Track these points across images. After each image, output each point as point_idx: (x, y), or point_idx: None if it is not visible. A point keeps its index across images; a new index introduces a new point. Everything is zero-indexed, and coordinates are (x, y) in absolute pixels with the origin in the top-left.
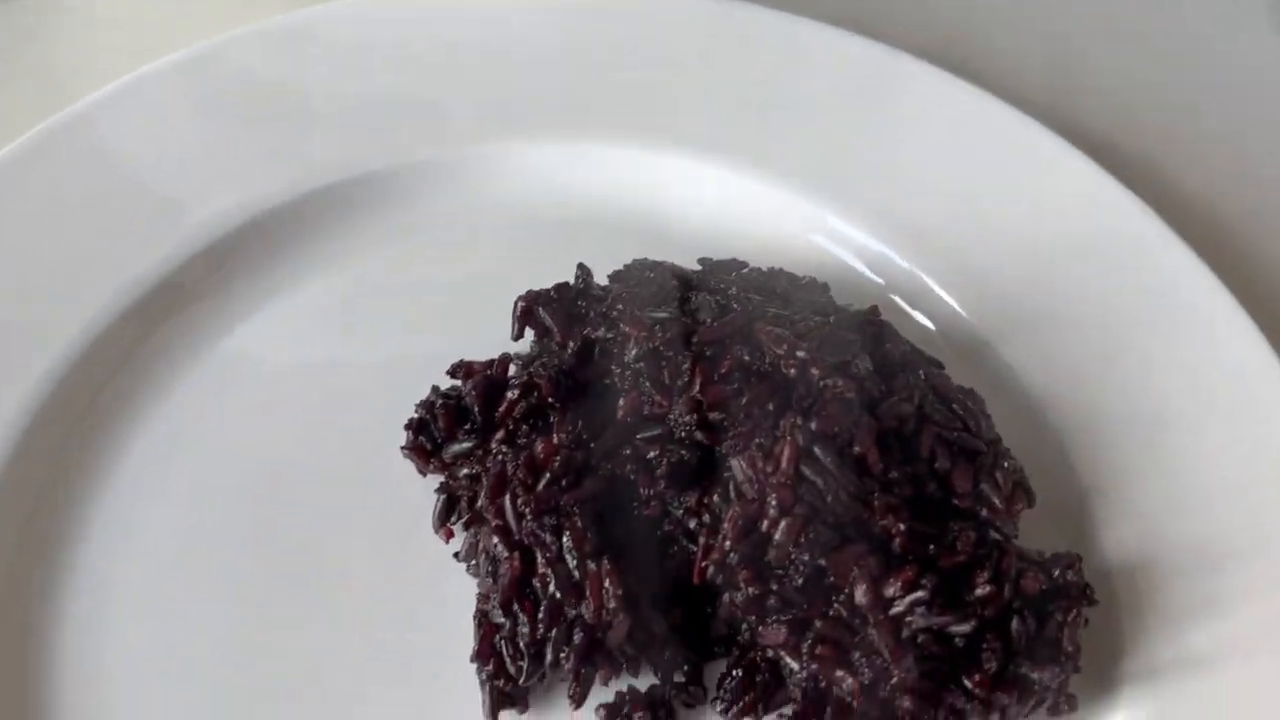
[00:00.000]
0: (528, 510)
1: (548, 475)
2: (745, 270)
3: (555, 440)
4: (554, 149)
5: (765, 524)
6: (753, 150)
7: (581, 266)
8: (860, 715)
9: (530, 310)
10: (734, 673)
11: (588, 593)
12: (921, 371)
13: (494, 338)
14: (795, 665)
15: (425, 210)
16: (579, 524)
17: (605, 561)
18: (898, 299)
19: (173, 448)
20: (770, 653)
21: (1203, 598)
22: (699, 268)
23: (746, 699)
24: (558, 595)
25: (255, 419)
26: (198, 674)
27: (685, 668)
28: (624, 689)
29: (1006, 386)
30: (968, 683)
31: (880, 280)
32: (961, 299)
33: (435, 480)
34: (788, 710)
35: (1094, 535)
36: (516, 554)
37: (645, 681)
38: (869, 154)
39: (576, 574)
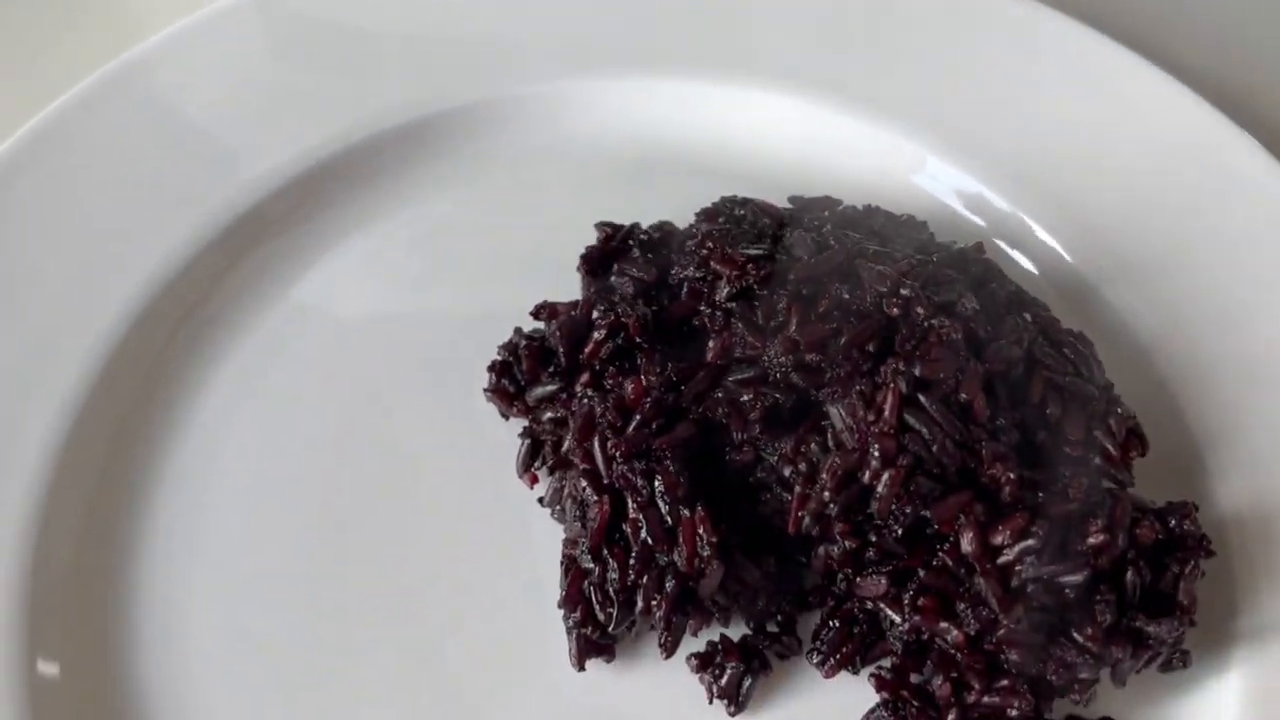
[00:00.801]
0: (618, 453)
1: (638, 418)
2: (840, 208)
3: (645, 382)
4: (630, 85)
5: (867, 475)
6: (847, 86)
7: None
8: (964, 668)
9: (610, 250)
10: (831, 624)
11: (681, 539)
12: (1028, 313)
13: (570, 279)
14: (896, 617)
15: (497, 151)
16: (671, 469)
17: (699, 508)
18: (999, 241)
19: (253, 389)
20: (869, 604)
21: None
22: (789, 206)
23: (844, 651)
24: (649, 541)
25: (331, 362)
26: (281, 618)
27: (778, 618)
28: (715, 638)
29: (1113, 331)
30: (1078, 636)
31: (980, 221)
32: (1065, 241)
33: (517, 424)
34: (886, 662)
35: (1206, 487)
36: (606, 498)
37: (735, 632)
38: (968, 91)
39: (669, 520)
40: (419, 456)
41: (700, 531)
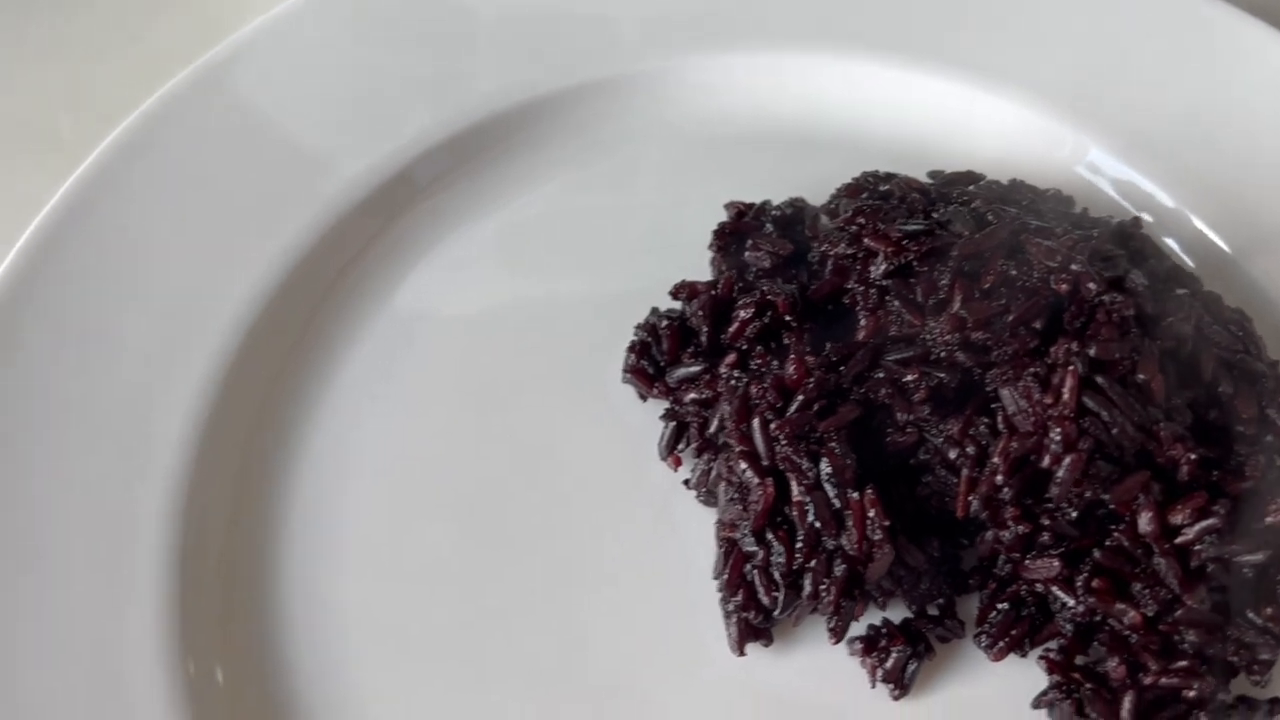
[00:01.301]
0: (781, 435)
1: (800, 398)
2: (983, 183)
3: (804, 361)
4: (744, 60)
5: (1047, 459)
6: (965, 58)
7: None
8: (1139, 650)
9: (742, 226)
10: (998, 606)
11: (850, 523)
12: (1189, 290)
13: (693, 259)
14: (1069, 600)
15: (613, 131)
16: (837, 450)
17: (870, 490)
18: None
19: (384, 382)
20: (1037, 586)
21: None
22: (929, 181)
23: (1013, 633)
24: (817, 525)
25: (459, 351)
26: (430, 608)
27: (938, 601)
28: (874, 622)
29: (1260, 308)
30: (1256, 616)
31: (1115, 195)
32: (1208, 216)
33: (654, 406)
34: (1053, 645)
35: None
36: (770, 480)
37: (894, 615)
38: (1103, 61)
39: (837, 503)
40: (557, 442)
41: (871, 514)
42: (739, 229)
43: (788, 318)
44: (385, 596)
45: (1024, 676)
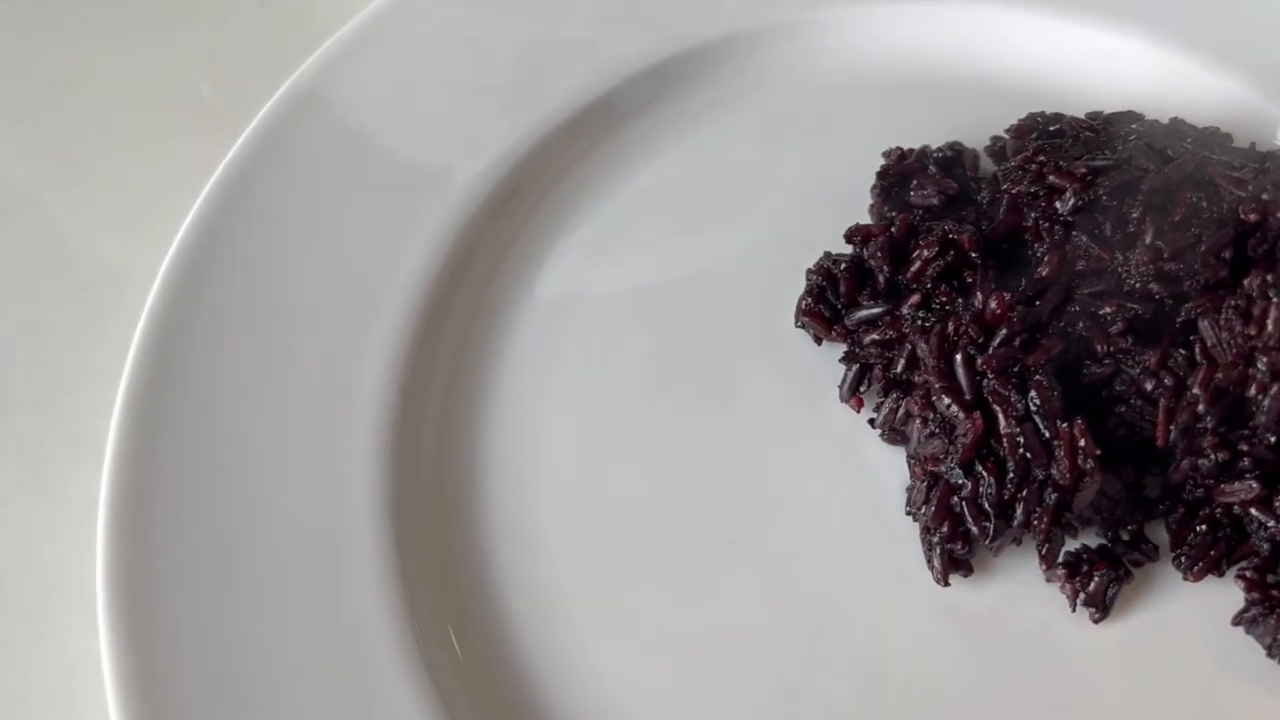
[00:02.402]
0: (988, 370)
1: (1003, 333)
2: (1145, 121)
3: (1004, 297)
4: (904, 9)
5: (1254, 388)
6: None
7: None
8: None
9: (905, 169)
10: (1197, 529)
11: (1060, 453)
12: None
13: (853, 206)
14: (1268, 520)
15: (762, 82)
16: (1044, 383)
17: (1079, 421)
18: None
19: (566, 333)
20: (1234, 508)
21: None
22: (1090, 120)
23: (1211, 554)
24: (1027, 455)
25: (634, 303)
26: (635, 554)
27: (1130, 527)
28: (1069, 549)
29: None
30: None
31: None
32: None
33: (829, 350)
34: (1248, 564)
35: None
36: (978, 414)
37: (1086, 542)
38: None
39: (1046, 434)
40: (738, 392)
41: (1081, 444)
42: (902, 170)
43: (973, 255)
44: (586, 540)
45: (1221, 596)
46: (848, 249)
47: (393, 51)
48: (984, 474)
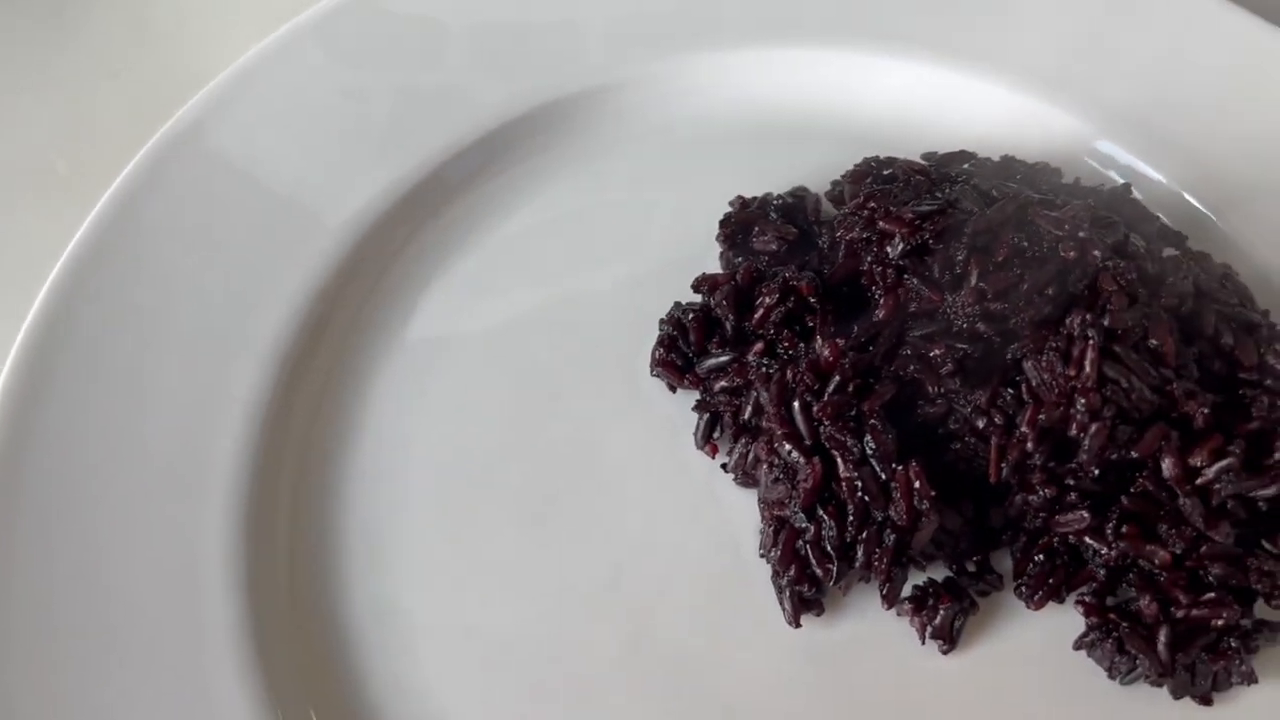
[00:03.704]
0: (824, 416)
1: (837, 379)
2: (976, 160)
3: (837, 344)
4: (741, 57)
5: (1074, 428)
6: (952, 42)
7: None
8: (1168, 586)
9: (747, 216)
10: (1035, 559)
11: (897, 495)
12: (1180, 249)
13: (702, 256)
14: (1101, 546)
15: (611, 135)
16: (879, 427)
17: (913, 464)
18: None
19: (418, 398)
20: (1069, 536)
21: None
22: (924, 162)
23: (1050, 582)
24: (866, 498)
25: (489, 360)
26: (494, 611)
27: (975, 558)
28: (918, 583)
29: (1233, 259)
30: (1270, 546)
31: (1094, 163)
32: (1178, 177)
33: (684, 397)
34: (1087, 589)
35: None
36: (817, 459)
37: (934, 574)
38: (1067, 38)
39: (883, 476)
40: (596, 440)
41: (916, 486)
42: (745, 219)
43: (811, 300)
44: (445, 597)
45: (1063, 621)
46: (699, 297)
47: (264, 102)
48: (825, 518)
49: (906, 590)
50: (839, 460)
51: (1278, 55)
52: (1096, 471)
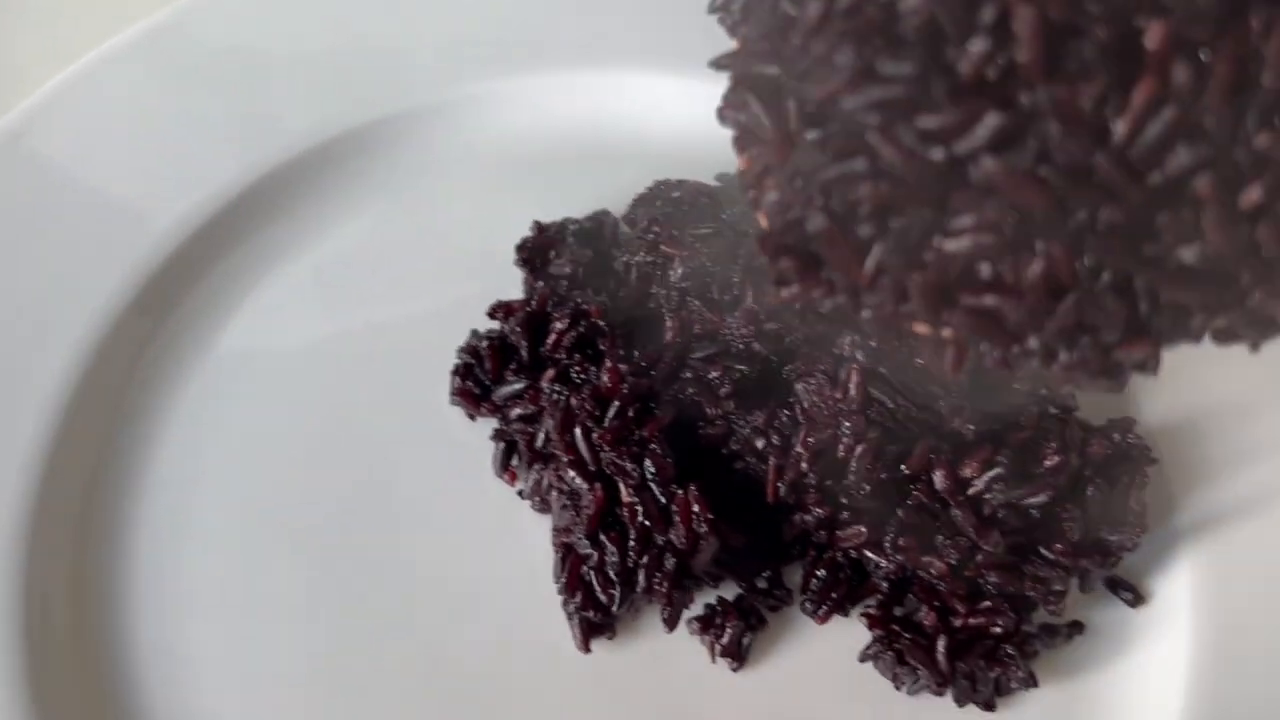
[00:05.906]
0: (604, 443)
1: (616, 405)
2: None
3: (617, 370)
4: (544, 81)
5: (841, 450)
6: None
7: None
8: (948, 596)
9: (545, 241)
10: (817, 574)
11: (677, 518)
12: None
13: (508, 281)
14: (879, 560)
15: (411, 163)
16: (659, 452)
17: (692, 487)
18: None
19: (212, 434)
20: (851, 551)
21: (1237, 450)
22: (717, 183)
23: (833, 597)
24: (646, 523)
25: (286, 395)
26: (285, 642)
27: (765, 574)
28: (710, 600)
29: None
30: (1048, 552)
31: None
32: None
33: (485, 424)
34: (872, 601)
35: (1134, 402)
36: (598, 485)
37: (727, 591)
38: None
39: (664, 500)
40: (395, 470)
41: (695, 509)
42: (541, 244)
43: (601, 323)
44: (235, 630)
45: (851, 635)
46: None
47: (34, 156)
48: (608, 543)
49: (698, 609)
50: (620, 485)
51: None
52: (868, 489)
